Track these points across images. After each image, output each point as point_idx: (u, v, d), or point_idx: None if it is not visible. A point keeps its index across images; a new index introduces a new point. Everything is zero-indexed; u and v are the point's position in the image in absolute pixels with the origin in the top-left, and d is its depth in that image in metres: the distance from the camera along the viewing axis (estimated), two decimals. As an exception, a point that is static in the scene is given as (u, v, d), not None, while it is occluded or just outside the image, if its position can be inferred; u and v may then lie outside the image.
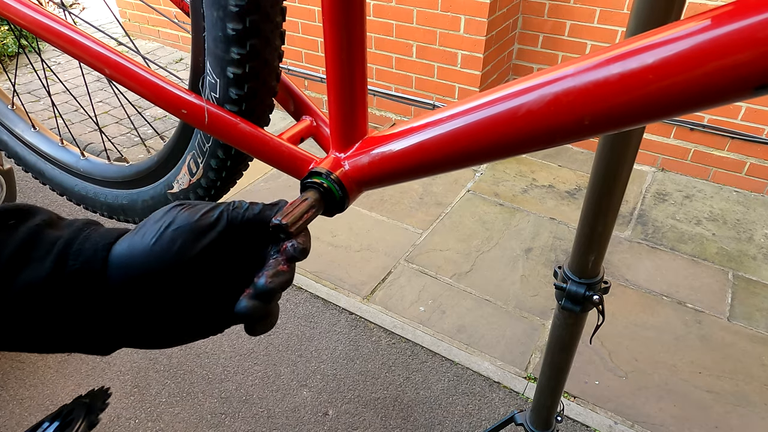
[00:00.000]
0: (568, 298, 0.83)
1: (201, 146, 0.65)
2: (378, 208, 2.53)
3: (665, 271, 2.18)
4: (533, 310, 2.01)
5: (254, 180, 2.73)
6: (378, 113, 3.13)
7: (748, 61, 0.24)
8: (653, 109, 0.28)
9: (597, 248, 0.78)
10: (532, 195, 2.62)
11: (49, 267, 0.32)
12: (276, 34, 0.54)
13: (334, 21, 0.41)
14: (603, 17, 2.58)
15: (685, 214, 2.49)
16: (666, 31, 0.27)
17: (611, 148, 0.66)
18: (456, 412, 1.68)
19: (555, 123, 0.31)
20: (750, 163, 2.55)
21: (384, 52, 2.89)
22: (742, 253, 2.26)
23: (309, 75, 3.28)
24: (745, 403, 1.68)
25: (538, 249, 2.29)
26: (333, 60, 0.43)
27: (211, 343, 1.90)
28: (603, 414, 1.66)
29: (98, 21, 4.64)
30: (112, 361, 1.84)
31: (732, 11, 0.25)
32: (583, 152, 2.95)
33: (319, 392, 1.74)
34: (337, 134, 0.46)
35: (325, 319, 1.99)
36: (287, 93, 0.64)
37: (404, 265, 2.21)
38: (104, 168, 0.82)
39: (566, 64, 0.31)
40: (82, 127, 3.14)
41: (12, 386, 1.76)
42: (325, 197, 0.43)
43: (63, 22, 0.60)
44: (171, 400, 1.72)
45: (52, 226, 0.35)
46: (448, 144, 0.37)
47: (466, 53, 2.62)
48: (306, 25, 3.09)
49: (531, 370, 1.80)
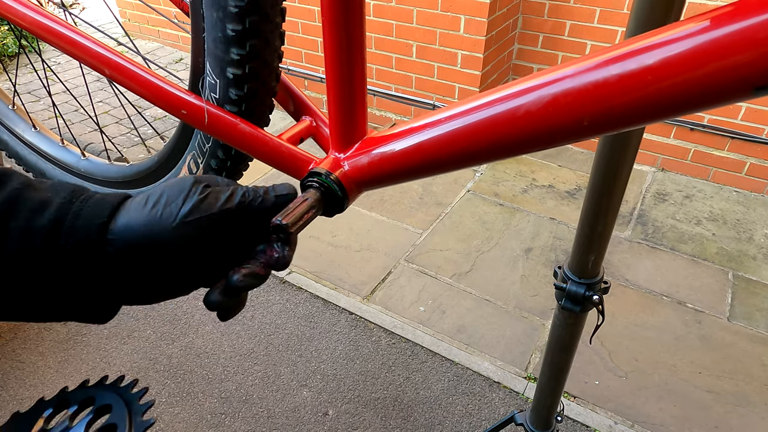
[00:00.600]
0: (568, 298, 0.83)
1: (201, 146, 0.65)
2: (378, 208, 2.53)
3: (665, 271, 2.17)
4: (533, 310, 2.01)
5: (254, 180, 2.72)
6: (378, 113, 3.13)
7: (748, 62, 0.24)
8: (653, 110, 0.28)
9: (597, 248, 0.78)
10: (532, 195, 2.62)
11: (39, 244, 0.32)
12: (276, 35, 0.54)
13: (334, 21, 0.41)
14: (603, 17, 2.58)
15: (685, 214, 2.49)
16: (666, 31, 0.27)
17: (611, 148, 0.66)
18: (456, 412, 1.68)
19: (554, 124, 0.31)
20: (750, 163, 2.55)
21: (384, 52, 2.89)
22: (742, 253, 2.26)
23: (309, 75, 3.28)
24: (745, 403, 1.68)
25: (538, 249, 2.29)
26: (333, 60, 0.43)
27: (211, 343, 1.90)
28: (603, 414, 1.66)
29: (98, 21, 4.64)
30: (112, 361, 1.84)
31: (732, 12, 0.25)
32: (583, 152, 2.95)
33: (319, 392, 1.74)
34: (337, 134, 0.46)
35: (325, 319, 1.99)
36: (287, 93, 0.64)
37: (404, 265, 2.21)
38: (105, 168, 0.82)
39: (566, 65, 0.31)
40: (82, 127, 3.14)
41: (12, 386, 1.76)
42: (325, 197, 0.43)
43: (63, 23, 0.60)
44: (171, 400, 1.72)
45: (31, 188, 0.34)
46: (448, 144, 0.37)
47: (466, 53, 2.62)
48: (306, 25, 3.09)
49: (531, 370, 1.80)
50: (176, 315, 2.02)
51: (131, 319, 2.00)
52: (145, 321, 1.99)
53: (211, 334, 1.94)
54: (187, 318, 2.00)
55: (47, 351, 1.88)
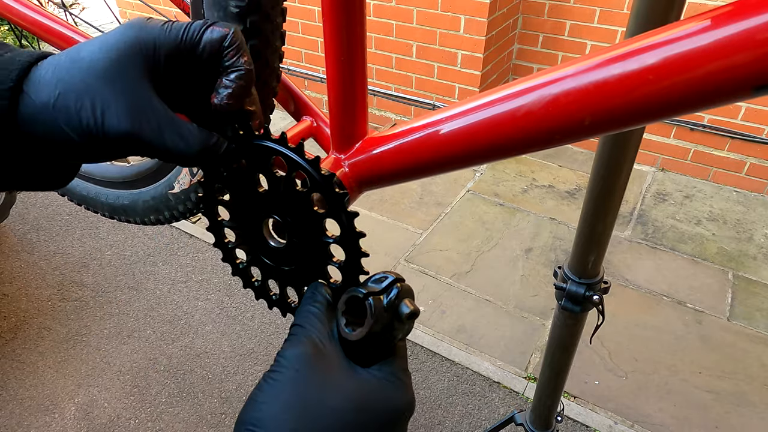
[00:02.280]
0: (568, 298, 0.83)
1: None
2: (378, 208, 2.53)
3: (665, 271, 2.17)
4: (533, 310, 2.01)
5: (254, 180, 2.73)
6: (378, 113, 3.13)
7: (747, 62, 0.24)
8: (653, 109, 0.28)
9: (597, 248, 0.78)
10: (532, 195, 2.62)
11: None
12: (276, 35, 0.54)
13: (334, 21, 0.41)
14: (603, 17, 2.58)
15: (685, 214, 2.49)
16: (666, 31, 0.27)
17: (611, 148, 0.66)
18: (456, 412, 1.68)
19: (555, 124, 0.31)
20: (750, 163, 2.55)
21: (384, 52, 2.89)
22: (742, 253, 2.26)
23: (309, 75, 3.28)
24: (745, 403, 1.68)
25: (538, 249, 2.29)
26: (333, 60, 0.43)
27: (211, 343, 1.90)
28: (603, 414, 1.66)
29: (98, 21, 4.64)
30: (112, 361, 1.84)
31: (731, 12, 0.25)
32: (583, 152, 2.95)
33: (319, 392, 1.74)
34: (338, 134, 0.46)
35: (325, 319, 1.99)
36: (288, 93, 0.64)
37: (404, 265, 2.21)
38: (105, 168, 0.82)
39: (566, 65, 0.31)
40: (82, 127, 3.14)
41: (12, 386, 1.76)
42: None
43: (63, 23, 0.60)
44: (171, 400, 1.72)
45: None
46: (448, 144, 0.37)
47: (466, 53, 2.62)
48: (306, 25, 3.09)
49: (531, 370, 1.80)
50: (176, 315, 2.02)
51: (131, 319, 2.00)
52: (145, 321, 1.99)
53: (211, 334, 1.94)
54: (187, 318, 2.00)
55: (47, 351, 1.88)
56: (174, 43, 0.33)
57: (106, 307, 2.04)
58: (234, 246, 0.46)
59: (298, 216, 0.40)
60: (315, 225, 0.39)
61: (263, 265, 0.45)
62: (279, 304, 0.47)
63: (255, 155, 0.38)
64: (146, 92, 0.32)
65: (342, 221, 0.38)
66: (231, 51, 0.34)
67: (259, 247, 0.44)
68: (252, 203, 0.41)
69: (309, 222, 0.39)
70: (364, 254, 0.39)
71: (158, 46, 0.33)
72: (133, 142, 0.32)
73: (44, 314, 2.01)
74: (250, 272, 0.47)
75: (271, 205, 0.41)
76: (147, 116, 0.32)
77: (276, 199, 0.40)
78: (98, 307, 2.04)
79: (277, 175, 0.39)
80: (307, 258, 0.41)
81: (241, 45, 0.35)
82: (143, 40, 0.32)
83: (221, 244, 0.47)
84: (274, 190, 0.40)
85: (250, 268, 0.47)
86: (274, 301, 0.47)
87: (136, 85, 0.32)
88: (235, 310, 2.04)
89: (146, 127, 0.32)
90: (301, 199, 0.39)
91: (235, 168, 0.40)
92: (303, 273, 0.43)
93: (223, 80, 0.35)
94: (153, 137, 0.32)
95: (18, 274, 2.19)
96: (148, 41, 0.32)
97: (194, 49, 0.34)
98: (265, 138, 0.38)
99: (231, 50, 0.34)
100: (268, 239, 0.43)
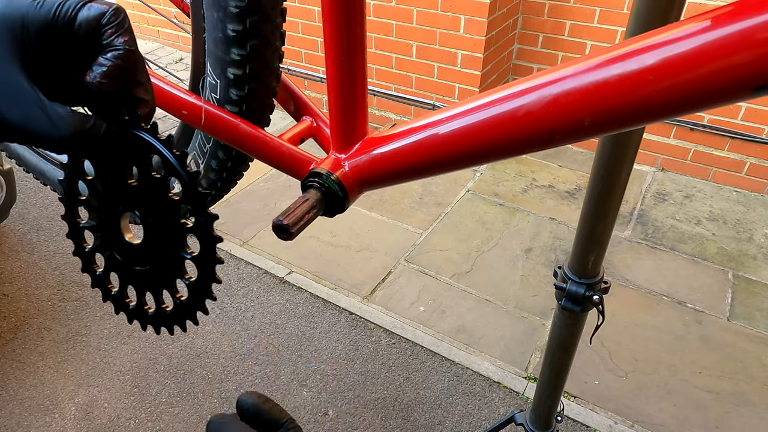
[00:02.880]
0: (568, 298, 0.83)
1: (202, 147, 0.65)
2: (378, 208, 2.53)
3: (665, 271, 2.18)
4: (533, 310, 2.01)
5: (254, 180, 2.73)
6: (378, 113, 3.13)
7: (747, 62, 0.24)
8: (653, 109, 0.28)
9: (597, 248, 0.78)
10: (532, 195, 2.62)
11: None
12: (276, 35, 0.54)
13: (334, 21, 0.41)
14: (603, 17, 2.58)
15: (685, 214, 2.49)
16: (665, 31, 0.27)
17: (611, 148, 0.66)
18: (456, 412, 1.68)
19: (555, 124, 0.31)
20: (750, 163, 2.55)
21: (384, 52, 2.89)
22: (742, 253, 2.26)
23: (309, 75, 3.28)
24: (745, 403, 1.68)
25: (538, 249, 2.29)
26: (333, 60, 0.43)
27: (211, 343, 1.90)
28: (603, 414, 1.66)
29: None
30: (112, 361, 1.84)
31: (731, 12, 0.25)
32: (583, 152, 2.95)
33: (319, 392, 1.74)
34: (338, 135, 0.46)
35: (325, 319, 1.99)
36: (288, 93, 0.64)
37: (404, 265, 2.21)
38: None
39: (566, 65, 0.31)
40: (82, 127, 3.14)
41: (12, 386, 1.76)
42: (325, 198, 0.44)
43: None
44: (171, 400, 1.72)
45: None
46: (448, 144, 0.37)
47: (466, 53, 2.62)
48: (306, 25, 3.09)
49: (531, 370, 1.80)
50: (176, 315, 2.02)
51: (131, 319, 2.00)
52: (145, 321, 1.99)
53: (211, 334, 1.94)
54: (187, 318, 2.00)
55: (47, 351, 1.88)
56: (45, 19, 0.31)
57: (106, 307, 2.04)
58: (92, 249, 0.45)
59: (162, 218, 0.39)
60: (176, 229, 0.39)
61: (120, 267, 0.44)
62: (136, 313, 0.45)
63: (130, 146, 0.37)
64: (12, 71, 0.30)
65: (202, 227, 0.38)
66: (109, 29, 0.32)
67: (116, 246, 0.43)
68: (117, 194, 0.40)
69: (170, 224, 0.39)
70: (220, 261, 0.39)
71: (27, 22, 0.31)
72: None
73: (44, 314, 2.01)
74: (109, 279, 0.46)
75: (136, 200, 0.40)
76: (12, 97, 0.30)
77: (142, 196, 0.39)
78: (98, 307, 2.04)
79: (152, 174, 0.38)
80: (162, 258, 0.41)
81: (122, 24, 0.33)
82: (9, 16, 0.30)
83: (81, 251, 0.45)
84: (142, 186, 0.39)
85: (109, 275, 0.45)
86: (131, 312, 0.45)
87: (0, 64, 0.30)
88: (235, 310, 2.04)
89: (12, 110, 0.30)
90: (168, 203, 0.38)
91: (108, 156, 0.39)
92: (158, 273, 0.42)
93: (99, 59, 0.33)
94: (19, 121, 0.30)
95: (18, 274, 2.19)
96: (14, 17, 0.31)
97: (70, 26, 0.32)
98: (145, 131, 0.36)
99: (109, 28, 0.32)
100: (125, 234, 0.42)
